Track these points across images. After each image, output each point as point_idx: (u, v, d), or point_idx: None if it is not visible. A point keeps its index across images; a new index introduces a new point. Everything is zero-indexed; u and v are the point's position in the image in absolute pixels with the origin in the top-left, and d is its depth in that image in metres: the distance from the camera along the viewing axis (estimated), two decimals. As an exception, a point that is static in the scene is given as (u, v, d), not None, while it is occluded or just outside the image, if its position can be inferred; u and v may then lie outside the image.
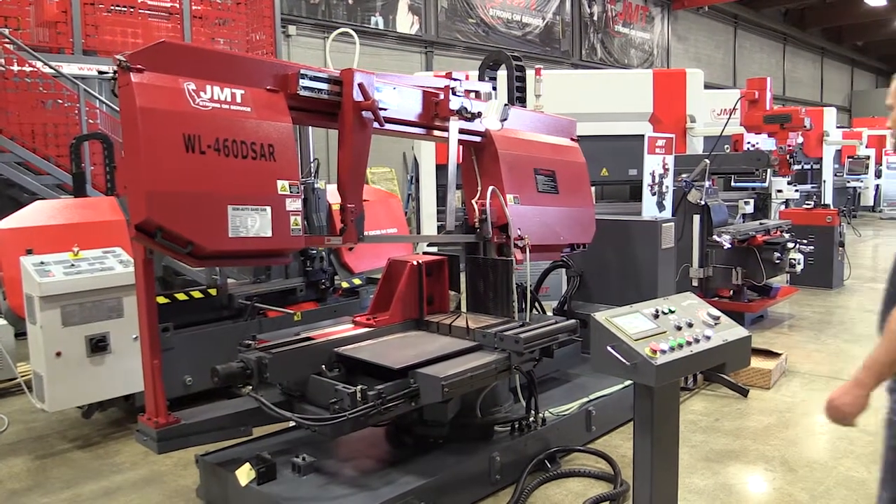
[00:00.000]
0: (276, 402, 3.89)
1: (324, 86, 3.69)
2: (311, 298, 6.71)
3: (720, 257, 7.74)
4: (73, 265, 4.71)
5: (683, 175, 7.81)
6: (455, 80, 4.29)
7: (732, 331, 3.10)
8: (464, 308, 4.59)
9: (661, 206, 7.36)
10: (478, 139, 4.57)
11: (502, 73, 5.89)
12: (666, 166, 7.34)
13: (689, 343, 2.88)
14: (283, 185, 3.43)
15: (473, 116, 4.34)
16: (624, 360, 2.75)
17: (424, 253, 4.78)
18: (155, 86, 3.13)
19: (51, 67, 7.60)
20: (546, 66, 20.66)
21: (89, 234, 5.16)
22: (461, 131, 4.39)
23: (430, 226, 10.62)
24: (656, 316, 3.02)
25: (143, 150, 3.05)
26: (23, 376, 5.20)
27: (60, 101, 7.80)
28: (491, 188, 4.29)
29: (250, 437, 4.02)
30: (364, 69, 3.84)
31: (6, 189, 7.73)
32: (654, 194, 7.37)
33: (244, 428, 3.85)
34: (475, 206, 4.38)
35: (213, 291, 5.84)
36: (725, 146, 8.95)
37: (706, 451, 4.50)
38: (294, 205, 3.45)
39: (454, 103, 4.23)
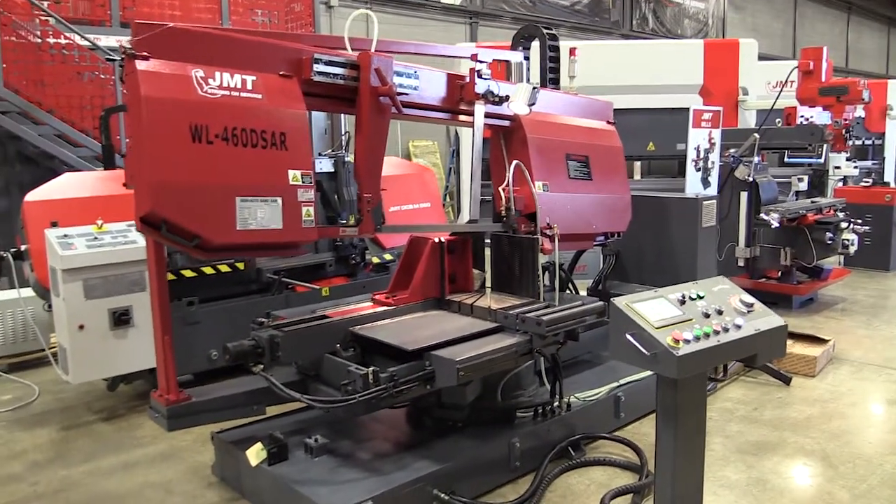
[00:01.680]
0: (289, 382, 3.82)
1: (339, 70, 3.53)
2: (341, 273, 6.62)
3: (768, 237, 7.39)
4: (96, 238, 4.69)
5: (731, 150, 7.45)
6: (481, 61, 4.08)
7: (766, 319, 2.86)
8: (489, 287, 4.41)
9: (706, 183, 7.03)
10: (506, 123, 4.37)
11: (537, 46, 5.65)
12: (712, 140, 7.00)
13: (716, 332, 2.66)
14: (294, 175, 3.29)
15: (501, 100, 4.13)
16: (643, 350, 2.55)
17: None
18: (161, 73, 3.00)
19: (86, 39, 7.60)
20: (595, 37, 20.13)
21: (115, 206, 5.11)
22: (489, 115, 4.20)
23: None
24: (683, 302, 2.80)
25: (147, 140, 2.94)
26: (51, 348, 5.23)
27: (97, 74, 7.81)
28: (515, 163, 4.09)
29: (265, 416, 3.94)
30: (385, 50, 3.68)
31: (46, 161, 7.80)
32: (698, 170, 7.05)
33: (257, 406, 3.77)
34: (501, 194, 4.19)
35: (240, 265, 5.77)
36: (777, 120, 8.52)
37: (741, 442, 4.27)
38: (306, 195, 3.32)
39: (480, 87, 4.04)
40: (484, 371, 3.49)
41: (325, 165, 6.51)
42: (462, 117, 4.19)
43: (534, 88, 4.18)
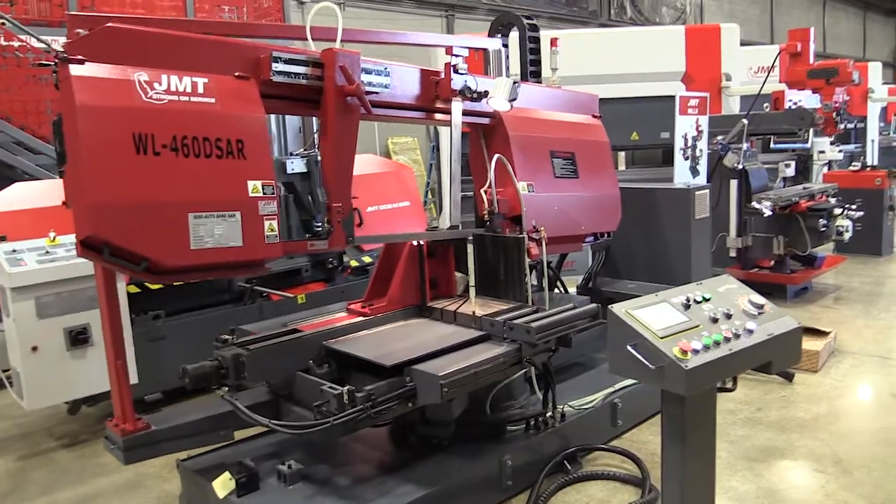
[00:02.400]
0: (259, 403, 3.53)
1: (301, 69, 3.22)
2: (318, 279, 6.32)
3: (760, 225, 7.19)
4: (48, 252, 4.34)
5: (719, 137, 7.22)
6: (456, 55, 3.78)
7: (779, 322, 2.59)
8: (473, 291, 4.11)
9: (694, 172, 6.78)
10: (486, 121, 4.09)
11: (515, 37, 5.34)
12: (700, 128, 6.75)
13: (726, 339, 2.39)
14: (255, 186, 2.98)
15: (479, 96, 3.83)
16: (647, 363, 2.27)
17: (430, 229, 4.31)
18: (98, 79, 2.68)
19: (42, 42, 7.20)
20: (573, 27, 19.86)
21: (70, 217, 4.78)
22: (467, 113, 3.91)
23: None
24: (687, 306, 2.52)
25: (83, 155, 2.62)
26: (6, 371, 4.88)
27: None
28: (496, 157, 3.80)
29: (233, 440, 3.62)
30: (354, 40, 3.38)
31: (6, 171, 7.40)
32: (686, 159, 6.79)
33: (224, 432, 3.45)
34: (483, 196, 3.90)
35: (209, 275, 5.44)
36: (765, 105, 8.28)
37: (747, 447, 4.00)
38: (268, 207, 3.01)
39: (456, 82, 3.74)
40: (470, 386, 3.20)
41: (297, 166, 6.19)
42: (439, 116, 3.90)
43: (514, 83, 3.88)
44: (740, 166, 6.98)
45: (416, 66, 3.75)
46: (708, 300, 2.58)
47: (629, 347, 2.31)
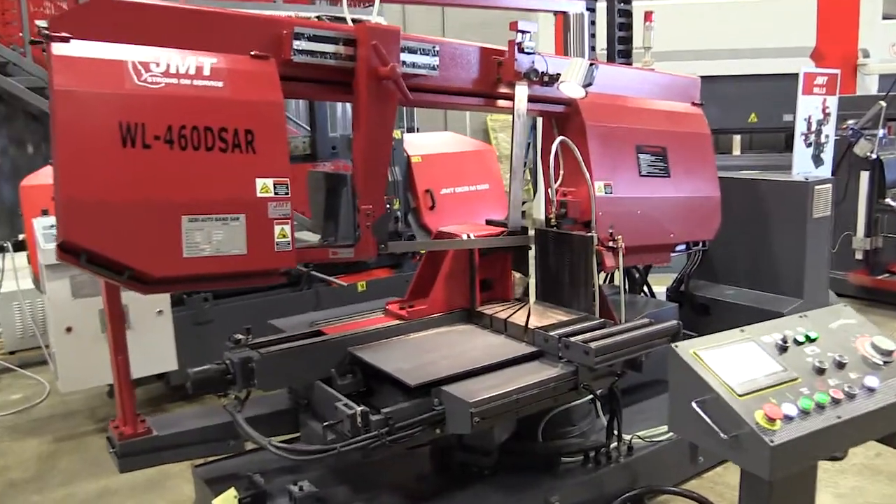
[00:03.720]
0: (279, 411, 3.14)
1: (329, 48, 2.72)
2: (385, 265, 5.90)
3: (894, 225, 6.19)
4: (86, 228, 4.10)
5: (850, 121, 6.26)
6: (523, 31, 3.18)
7: (915, 377, 1.90)
8: (533, 297, 3.55)
9: (818, 161, 5.86)
10: (559, 108, 3.49)
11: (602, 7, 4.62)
12: (827, 110, 5.82)
13: (835, 401, 1.74)
14: (264, 185, 2.52)
15: (550, 80, 3.23)
16: (717, 429, 1.66)
17: (487, 222, 3.76)
18: (83, 59, 2.29)
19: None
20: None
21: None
22: (536, 99, 3.32)
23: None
24: (784, 348, 1.88)
25: (59, 147, 2.24)
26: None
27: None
28: (559, 139, 3.19)
29: (245, 451, 3.25)
30: (386, 24, 2.87)
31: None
32: (809, 145, 5.88)
33: (234, 442, 3.06)
34: (552, 197, 3.32)
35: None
36: (909, 85, 7.17)
37: (859, 504, 3.28)
38: (280, 209, 2.54)
39: (522, 63, 3.16)
40: (509, 415, 2.67)
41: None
42: (501, 102, 3.33)
43: (590, 64, 3.23)
44: (874, 156, 6.06)
45: (473, 44, 3.18)
46: (813, 341, 1.93)
47: (694, 404, 1.71)
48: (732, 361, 1.79)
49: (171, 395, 4.75)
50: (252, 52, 2.59)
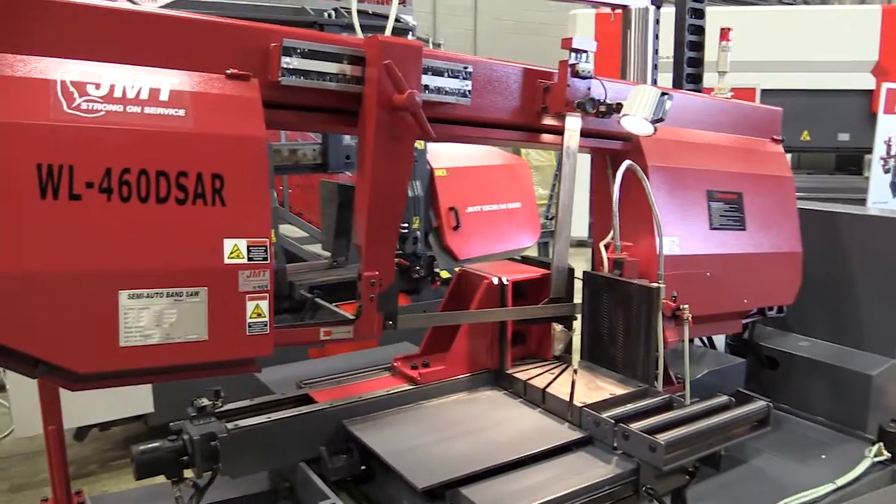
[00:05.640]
0: (255, 494, 2.49)
1: (329, 67, 2.08)
2: (401, 290, 5.26)
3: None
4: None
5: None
6: (579, 49, 2.49)
7: None
8: (577, 355, 2.86)
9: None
10: (616, 144, 2.78)
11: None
12: (908, 133, 5.12)
13: None
14: (234, 248, 1.84)
15: (609, 110, 2.53)
16: None
17: (524, 259, 3.09)
18: None
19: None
20: (741, 5, 17.66)
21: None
22: (588, 133, 2.63)
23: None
24: None
25: None
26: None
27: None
28: (623, 169, 2.50)
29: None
30: (404, 39, 2.22)
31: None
32: (887, 171, 5.19)
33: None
34: (603, 253, 2.66)
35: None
36: None
37: None
38: (255, 280, 1.89)
39: (576, 90, 2.50)
40: (549, 534, 1.99)
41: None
42: (546, 137, 2.64)
43: (663, 95, 2.50)
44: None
45: (515, 64, 2.50)
46: None
47: None
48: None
49: (150, 435, 4.14)
50: (228, 71, 1.93)
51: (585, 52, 2.49)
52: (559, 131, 2.56)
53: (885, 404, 3.45)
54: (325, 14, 4.47)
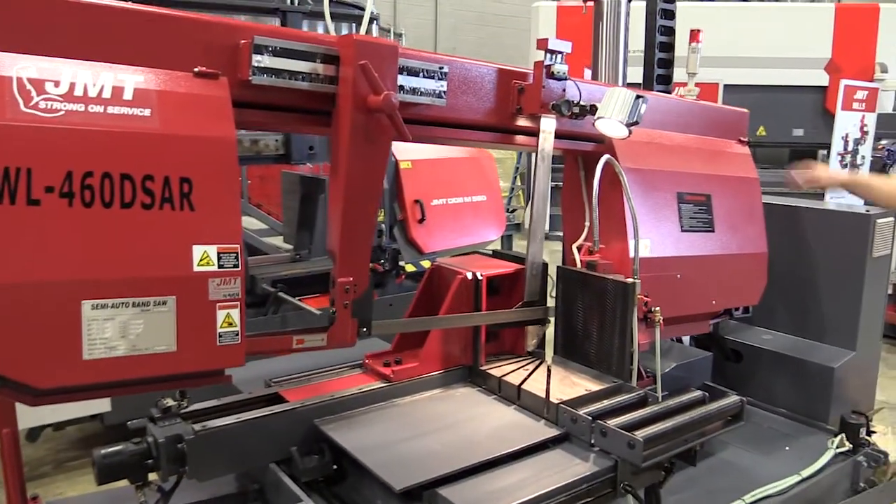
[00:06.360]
0: (222, 497, 2.41)
1: (302, 66, 2.00)
2: (366, 285, 5.18)
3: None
4: None
5: (884, 141, 5.65)
6: (555, 51, 2.44)
7: None
8: (551, 348, 2.84)
9: (852, 185, 5.27)
10: (588, 146, 2.75)
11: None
12: (865, 129, 5.23)
13: None
14: (204, 255, 1.75)
15: (583, 112, 2.50)
16: None
17: (495, 254, 3.05)
18: None
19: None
20: None
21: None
22: (561, 134, 2.58)
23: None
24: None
25: None
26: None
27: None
28: (604, 159, 2.48)
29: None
30: (379, 38, 2.14)
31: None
32: (844, 166, 5.29)
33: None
34: (576, 255, 2.63)
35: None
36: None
37: None
38: (226, 289, 1.81)
39: (551, 91, 2.45)
40: (528, 532, 1.97)
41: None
42: (520, 138, 2.59)
43: (637, 98, 2.47)
44: (915, 181, 5.40)
45: (490, 64, 2.45)
46: None
47: None
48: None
49: (106, 434, 4.02)
50: (196, 69, 1.84)
51: (561, 52, 2.45)
52: (533, 133, 2.52)
53: (847, 396, 3.51)
54: (288, 0, 4.36)
